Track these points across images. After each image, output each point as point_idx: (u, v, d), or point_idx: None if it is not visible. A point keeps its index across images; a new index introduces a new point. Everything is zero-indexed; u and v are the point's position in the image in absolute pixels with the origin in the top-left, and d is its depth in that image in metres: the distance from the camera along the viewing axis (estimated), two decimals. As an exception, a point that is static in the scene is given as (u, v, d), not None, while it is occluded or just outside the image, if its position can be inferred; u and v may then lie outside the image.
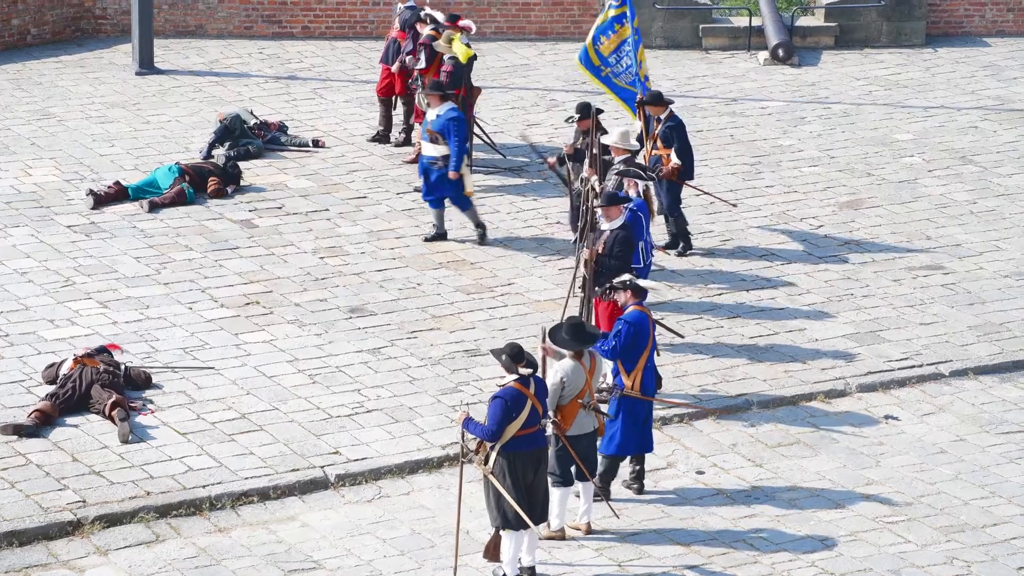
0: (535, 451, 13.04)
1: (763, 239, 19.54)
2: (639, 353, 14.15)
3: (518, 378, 12.98)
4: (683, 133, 18.61)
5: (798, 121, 23.27)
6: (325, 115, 22.75)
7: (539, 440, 13.10)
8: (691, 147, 18.75)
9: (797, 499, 14.54)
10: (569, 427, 13.51)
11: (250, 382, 15.90)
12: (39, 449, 14.65)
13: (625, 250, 15.39)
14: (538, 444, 13.09)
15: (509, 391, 12.95)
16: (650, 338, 14.24)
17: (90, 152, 21.24)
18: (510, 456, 12.95)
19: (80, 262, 18.23)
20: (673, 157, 18.46)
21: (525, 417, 12.92)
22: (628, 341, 14.10)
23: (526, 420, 12.93)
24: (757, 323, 17.54)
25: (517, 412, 12.89)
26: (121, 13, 25.17)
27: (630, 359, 14.15)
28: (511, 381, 13.00)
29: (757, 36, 25.81)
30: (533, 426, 13.01)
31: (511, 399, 12.91)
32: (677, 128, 18.55)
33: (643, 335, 14.18)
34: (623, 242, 15.43)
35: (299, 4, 25.78)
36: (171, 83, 23.66)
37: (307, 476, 14.51)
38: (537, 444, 13.07)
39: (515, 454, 12.95)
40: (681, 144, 18.51)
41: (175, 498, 14.07)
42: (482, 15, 25.74)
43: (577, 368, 13.51)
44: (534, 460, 13.05)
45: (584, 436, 13.64)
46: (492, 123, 22.22)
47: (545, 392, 13.20)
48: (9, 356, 16.17)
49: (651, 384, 14.39)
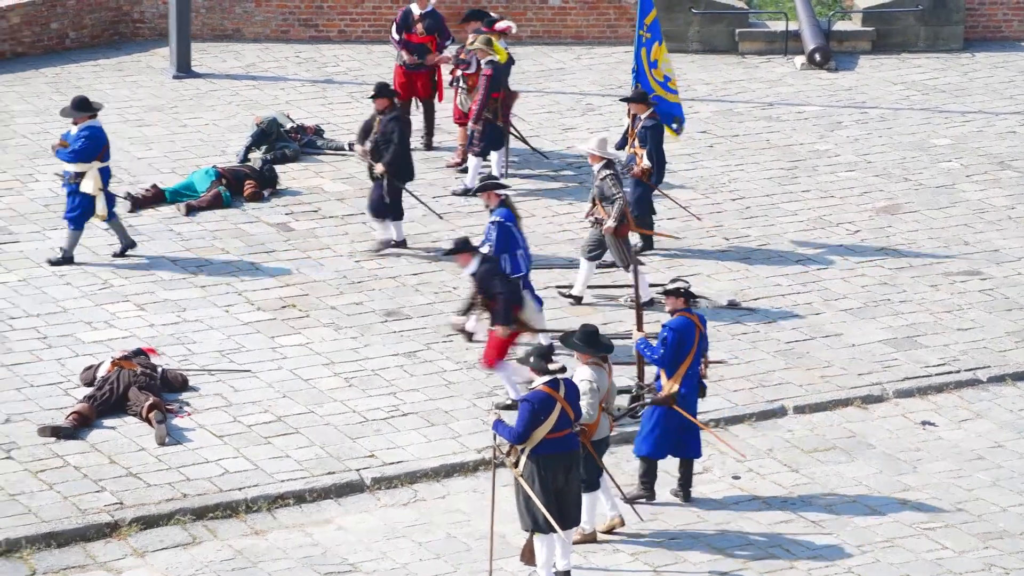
0: (566, 454, 13.02)
1: (799, 244, 19.49)
2: (681, 360, 14.13)
3: (547, 381, 12.97)
4: (659, 136, 18.56)
5: (835, 126, 23.20)
6: (361, 119, 22.71)
7: (571, 443, 13.07)
8: (664, 151, 18.72)
9: (833, 505, 14.49)
10: (594, 433, 13.50)
11: (286, 385, 15.93)
12: (77, 451, 14.71)
13: (497, 280, 15.34)
14: (570, 447, 13.06)
15: (537, 394, 12.94)
16: (694, 346, 14.21)
17: (127, 155, 21.32)
18: (540, 459, 12.93)
19: (117, 265, 18.30)
20: (644, 159, 18.44)
21: (554, 420, 12.89)
22: (673, 349, 14.08)
23: (556, 423, 12.90)
24: (793, 328, 17.49)
25: (545, 415, 12.87)
26: (159, 17, 25.26)
27: (672, 366, 14.13)
28: (540, 384, 12.99)
29: (794, 40, 25.74)
30: (564, 430, 12.98)
31: (538, 402, 12.90)
32: (653, 130, 18.52)
33: (687, 342, 14.15)
34: (491, 275, 15.38)
35: (335, 8, 25.84)
36: (208, 87, 23.73)
37: (343, 479, 14.53)
38: (569, 447, 13.04)
39: (545, 457, 12.93)
40: (653, 147, 18.45)
41: (211, 500, 14.11)
42: (518, 19, 25.71)
43: (602, 374, 13.51)
44: (565, 464, 13.02)
45: (603, 440, 13.67)
46: (528, 127, 22.22)
47: (576, 396, 13.18)
48: (47, 358, 16.25)
49: (691, 394, 14.34)
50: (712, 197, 20.76)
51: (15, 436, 14.88)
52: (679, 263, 18.86)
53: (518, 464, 13.01)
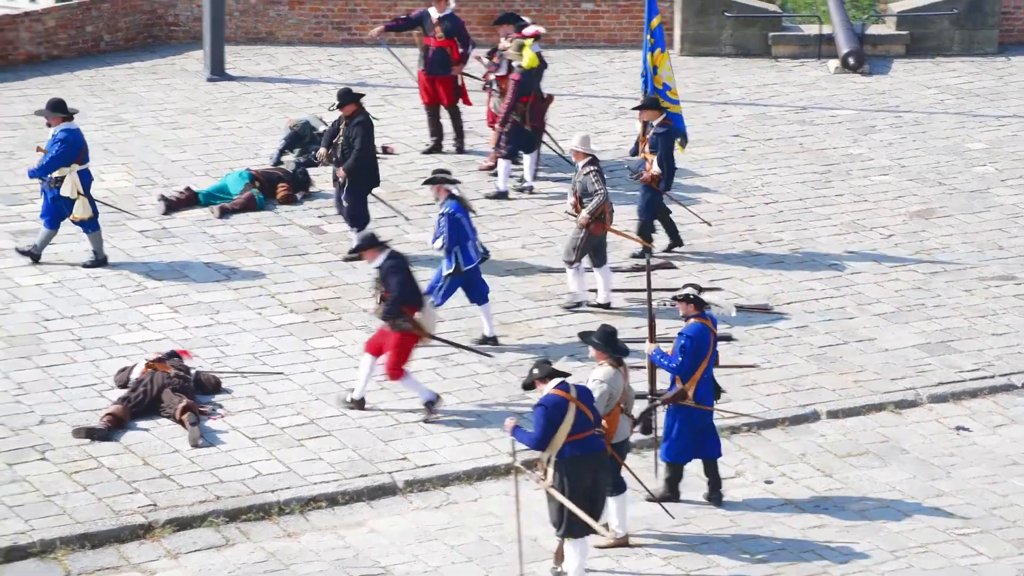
0: (592, 455, 13.00)
1: (832, 248, 19.44)
2: (697, 365, 14.13)
3: (557, 384, 13.00)
4: (669, 142, 18.56)
5: (868, 130, 23.14)
6: (394, 122, 22.81)
7: (595, 444, 13.06)
8: (674, 158, 18.71)
9: (867, 510, 14.45)
10: (614, 436, 13.50)
11: (319, 388, 15.96)
12: (111, 452, 14.77)
13: (396, 278, 15.30)
14: (594, 448, 13.05)
15: (549, 398, 12.96)
16: (709, 350, 14.19)
17: (161, 158, 21.40)
18: (567, 463, 12.93)
19: (151, 267, 18.37)
20: (653, 164, 18.44)
21: (572, 422, 12.88)
22: (691, 357, 14.07)
23: (574, 425, 12.90)
24: (826, 332, 17.44)
25: (560, 417, 12.88)
26: (193, 20, 25.36)
27: (687, 370, 14.13)
28: (551, 388, 13.01)
29: (827, 44, 25.68)
30: (585, 431, 12.97)
31: (552, 405, 12.91)
32: (665, 136, 18.51)
33: (703, 347, 14.15)
34: (392, 272, 15.35)
35: (368, 11, 25.88)
36: (242, 89, 23.81)
37: (375, 482, 14.55)
38: (593, 448, 13.04)
39: (571, 459, 12.93)
40: (664, 153, 18.45)
41: (244, 502, 14.15)
42: (551, 22, 25.75)
43: (616, 375, 13.51)
44: (592, 464, 13.01)
45: (623, 443, 13.68)
46: (560, 131, 22.22)
47: (590, 398, 13.18)
48: (82, 360, 16.31)
49: (707, 394, 14.33)
50: (745, 201, 20.72)
51: (50, 437, 14.94)
52: (712, 267, 18.84)
53: (546, 475, 13.00)
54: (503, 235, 19.48)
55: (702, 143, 22.54)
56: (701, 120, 23.37)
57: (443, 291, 16.62)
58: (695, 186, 21.10)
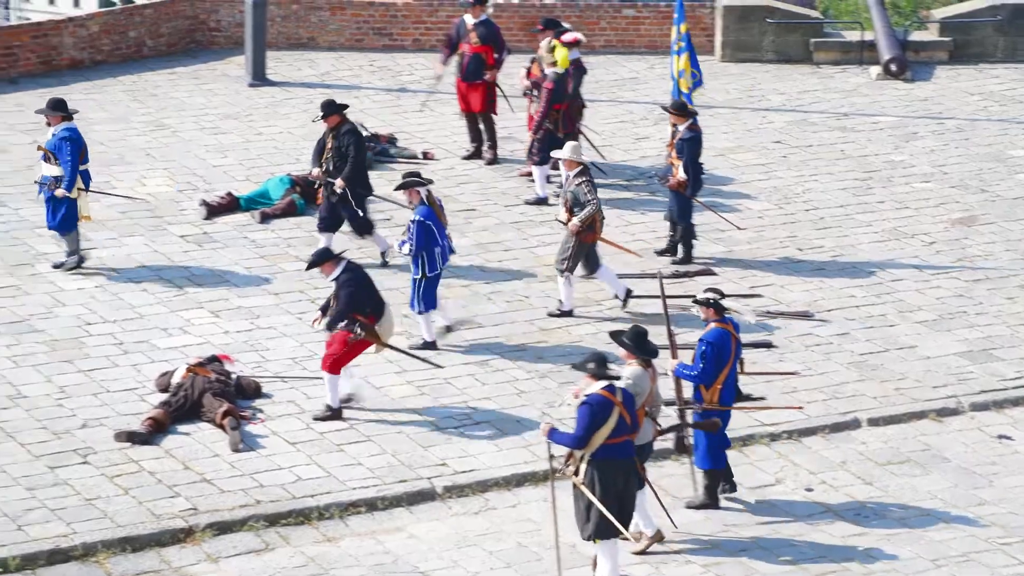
0: (625, 460, 13.04)
1: (873, 255, 19.37)
2: (719, 370, 14.11)
3: (605, 385, 12.99)
4: (695, 148, 18.52)
5: (910, 136, 23.05)
6: (435, 127, 22.85)
7: (629, 450, 13.10)
8: (700, 163, 18.66)
9: (908, 518, 14.38)
10: (635, 438, 13.48)
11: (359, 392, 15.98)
12: (152, 456, 14.83)
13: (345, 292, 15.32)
14: (628, 454, 13.08)
15: (595, 397, 12.96)
16: (731, 355, 14.17)
17: (203, 163, 21.48)
18: (600, 464, 12.96)
19: (192, 272, 18.44)
20: (680, 170, 18.39)
21: (613, 425, 12.91)
22: (713, 363, 14.05)
23: (615, 428, 12.92)
24: (867, 340, 17.38)
25: (604, 419, 12.88)
26: (235, 25, 25.45)
27: (710, 376, 14.11)
28: (598, 388, 13.01)
29: (869, 50, 25.59)
30: (622, 435, 12.99)
31: (598, 405, 12.91)
32: (691, 142, 18.47)
33: (725, 353, 14.12)
34: (345, 285, 15.36)
35: (410, 17, 25.93)
36: (283, 95, 23.88)
37: (415, 487, 14.56)
38: (627, 454, 13.07)
39: (605, 462, 12.95)
40: (690, 159, 18.40)
41: (284, 507, 14.18)
42: (592, 28, 25.75)
43: (644, 376, 13.52)
44: (624, 469, 13.04)
45: (646, 445, 13.67)
46: (601, 136, 22.22)
47: (632, 403, 13.19)
48: (123, 364, 16.39)
49: (729, 398, 14.33)
50: (785, 208, 20.66)
51: (92, 441, 15.01)
52: (752, 274, 18.79)
53: (578, 472, 13.01)
54: (542, 241, 19.48)
55: (743, 149, 22.50)
56: (742, 126, 23.33)
57: (421, 297, 16.67)
58: (736, 192, 21.05)
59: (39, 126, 22.47)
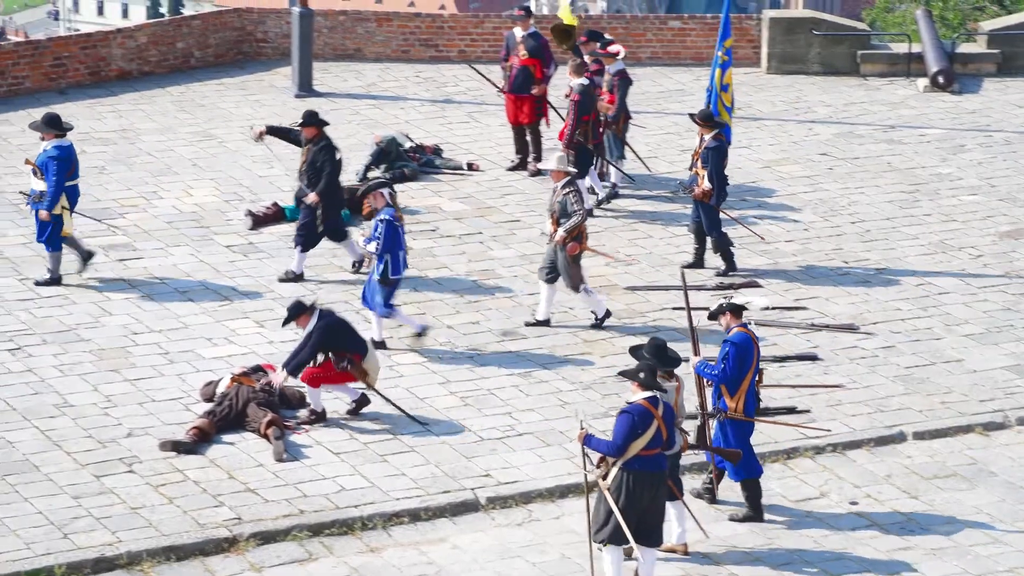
0: (656, 474, 13.05)
1: (920, 268, 19.27)
2: (743, 375, 14.08)
3: (648, 397, 12.98)
4: (719, 158, 18.46)
5: (958, 149, 22.93)
6: (480, 139, 22.87)
7: (660, 463, 13.10)
8: (725, 173, 18.60)
9: (954, 533, 14.29)
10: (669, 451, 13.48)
11: (402, 403, 15.99)
12: (196, 466, 14.88)
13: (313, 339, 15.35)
14: (660, 467, 13.09)
15: (637, 407, 12.97)
16: (754, 360, 14.15)
17: (249, 173, 21.57)
18: (630, 475, 12.97)
19: (238, 282, 18.51)
20: (704, 179, 18.34)
21: (650, 436, 12.92)
22: (736, 363, 14.01)
23: (651, 440, 12.93)
24: (913, 353, 17.29)
25: (643, 429, 12.90)
26: (282, 37, 25.57)
27: (734, 381, 14.08)
28: (640, 399, 13.01)
29: (917, 63, 25.50)
30: (656, 448, 13.01)
31: (639, 415, 12.93)
32: (716, 151, 18.42)
33: (748, 356, 14.10)
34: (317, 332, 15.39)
35: (456, 28, 25.99)
36: (329, 105, 23.95)
37: (458, 498, 14.57)
38: (658, 467, 13.07)
39: (635, 473, 12.97)
40: (714, 168, 18.35)
41: (328, 517, 14.21)
42: (638, 40, 25.75)
43: (669, 388, 13.50)
44: (653, 483, 13.04)
45: (673, 456, 13.63)
46: (647, 147, 22.19)
47: (672, 417, 13.19)
48: (168, 374, 16.46)
49: (752, 406, 14.31)
50: (831, 220, 20.59)
51: (137, 450, 15.08)
52: (797, 286, 18.74)
53: (607, 476, 13.03)
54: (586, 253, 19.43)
55: (789, 161, 22.44)
56: (787, 138, 23.27)
57: (384, 301, 16.77)
58: (781, 204, 21.00)
59: (88, 137, 22.66)
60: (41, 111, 23.36)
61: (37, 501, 14.22)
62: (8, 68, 23.98)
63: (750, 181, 21.69)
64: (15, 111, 23.44)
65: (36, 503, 14.20)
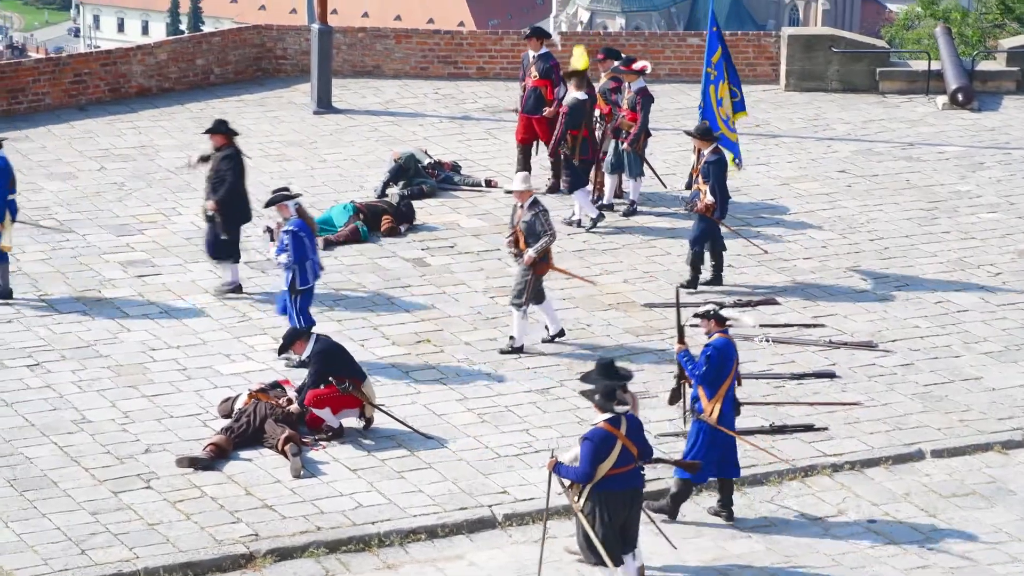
0: (629, 491, 13.12)
1: (938, 285, 19.24)
2: (722, 381, 14.16)
3: (609, 418, 13.01)
4: (721, 171, 18.44)
5: (977, 166, 22.90)
6: (498, 155, 22.90)
7: (634, 480, 13.16)
8: (727, 187, 18.59)
9: (972, 551, 14.24)
10: None
11: (419, 420, 16.01)
12: (214, 482, 14.90)
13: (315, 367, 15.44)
14: (632, 484, 13.15)
15: (597, 432, 13.03)
16: (734, 366, 14.22)
17: (268, 190, 21.58)
18: (603, 495, 13.03)
19: (256, 298, 18.54)
20: (707, 194, 18.33)
21: (616, 457, 12.98)
22: (715, 367, 14.09)
23: (617, 460, 12.99)
24: (932, 371, 17.25)
25: (606, 453, 12.96)
26: (301, 54, 25.64)
27: (713, 386, 14.17)
28: (601, 422, 13.05)
29: (936, 80, 25.47)
30: (627, 465, 13.06)
31: (599, 440, 12.99)
32: (716, 165, 18.41)
33: (728, 362, 14.18)
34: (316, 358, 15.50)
35: (475, 45, 26.04)
36: (348, 122, 24.00)
37: (475, 515, 14.56)
38: (631, 484, 13.14)
39: (607, 493, 13.03)
40: (716, 182, 18.34)
41: (345, 534, 14.21)
42: (656, 57, 25.76)
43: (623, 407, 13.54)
44: (627, 499, 13.11)
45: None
46: (666, 164, 22.19)
47: (640, 431, 13.26)
48: (186, 390, 16.49)
49: (730, 413, 14.36)
50: (850, 237, 20.57)
51: (155, 466, 15.11)
52: (816, 303, 18.71)
53: (579, 499, 13.04)
54: (605, 269, 19.48)
55: (807, 178, 22.42)
56: (806, 155, 23.26)
57: (299, 312, 16.84)
58: (799, 222, 20.98)
59: (108, 153, 22.73)
60: (62, 128, 23.52)
61: (55, 517, 14.25)
62: (29, 85, 24.08)
63: (768, 198, 21.69)
64: (36, 127, 23.53)
65: (54, 519, 14.23)
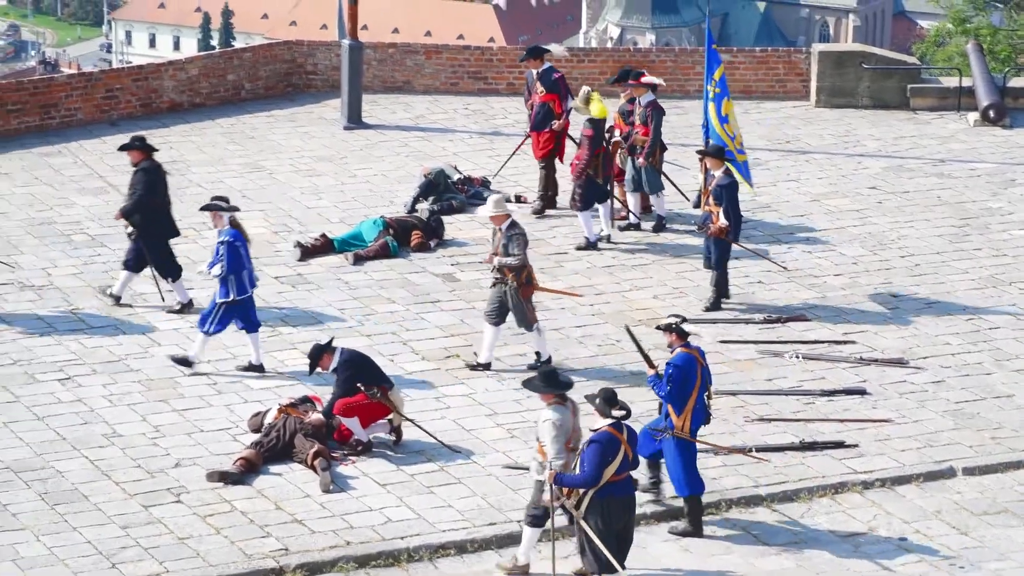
0: (626, 498, 13.18)
1: (970, 302, 19.16)
2: (688, 394, 14.22)
3: (612, 423, 13.02)
4: (733, 193, 18.37)
5: (1008, 183, 22.81)
6: (528, 171, 22.89)
7: (629, 488, 13.24)
8: (739, 209, 18.49)
9: (1004, 570, 14.17)
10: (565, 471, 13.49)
11: (449, 435, 16.01)
12: (243, 496, 14.92)
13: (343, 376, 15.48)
14: (629, 491, 13.22)
15: (604, 435, 13.07)
16: (698, 379, 14.27)
17: (298, 205, 21.66)
18: (603, 502, 13.06)
19: (286, 313, 18.58)
20: (720, 217, 18.27)
21: (619, 462, 13.02)
22: (679, 385, 14.17)
23: (619, 465, 13.04)
24: (963, 388, 17.18)
25: (612, 456, 13.02)
26: (331, 69, 25.70)
27: (679, 401, 14.24)
28: (605, 426, 13.06)
29: (967, 97, 25.39)
30: (624, 473, 13.13)
31: (606, 442, 13.05)
32: (728, 188, 18.32)
33: (691, 377, 14.26)
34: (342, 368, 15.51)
35: (504, 61, 26.06)
36: (378, 138, 24.05)
37: (504, 530, 14.55)
38: (628, 491, 13.20)
39: (607, 500, 13.05)
40: (729, 204, 18.28)
41: (374, 548, 14.21)
42: (686, 73, 25.75)
43: (566, 412, 13.56)
44: (625, 506, 13.17)
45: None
46: (695, 180, 22.16)
47: (636, 440, 13.35)
48: (217, 404, 16.52)
49: (696, 423, 14.42)
50: (880, 254, 20.51)
51: (185, 480, 15.14)
52: (846, 320, 18.66)
53: (579, 506, 13.04)
54: (635, 285, 19.46)
55: (838, 195, 22.37)
56: (836, 172, 23.21)
57: (217, 320, 16.87)
58: (830, 238, 20.93)
59: (138, 168, 22.79)
60: (94, 143, 23.61)
61: (86, 531, 14.29)
62: (61, 100, 24.19)
63: (798, 214, 21.64)
64: (68, 142, 23.63)
65: (85, 533, 14.26)
